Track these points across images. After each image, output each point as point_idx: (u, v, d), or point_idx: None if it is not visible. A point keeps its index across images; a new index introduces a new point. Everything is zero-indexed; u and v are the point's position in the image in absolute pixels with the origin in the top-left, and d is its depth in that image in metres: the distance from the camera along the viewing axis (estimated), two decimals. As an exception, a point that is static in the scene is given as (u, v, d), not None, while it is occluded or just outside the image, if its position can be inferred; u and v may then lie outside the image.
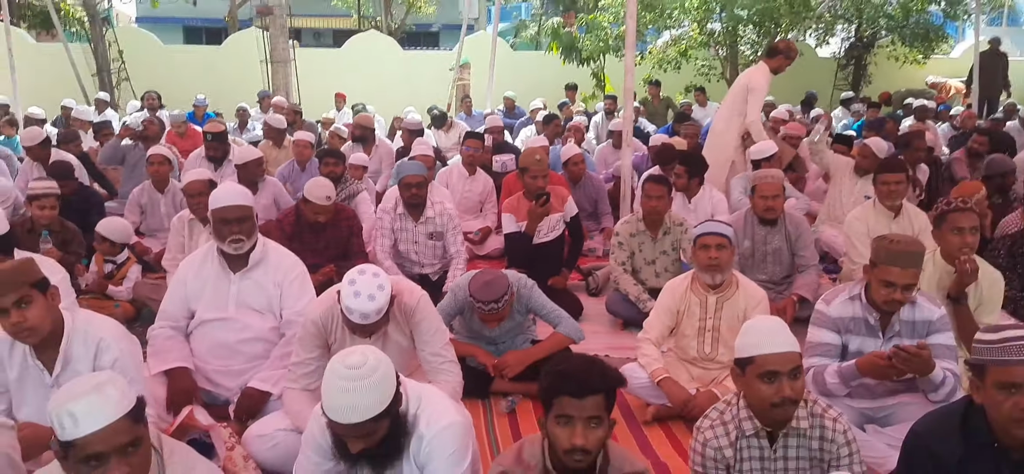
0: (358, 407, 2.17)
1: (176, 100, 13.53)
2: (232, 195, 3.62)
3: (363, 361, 2.22)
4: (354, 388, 2.17)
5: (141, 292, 5.21)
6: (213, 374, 3.68)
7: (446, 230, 5.38)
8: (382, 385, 2.21)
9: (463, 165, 7.26)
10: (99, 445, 1.95)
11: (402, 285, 3.32)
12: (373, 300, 2.94)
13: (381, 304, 2.96)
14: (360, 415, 2.17)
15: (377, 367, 2.22)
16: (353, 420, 2.17)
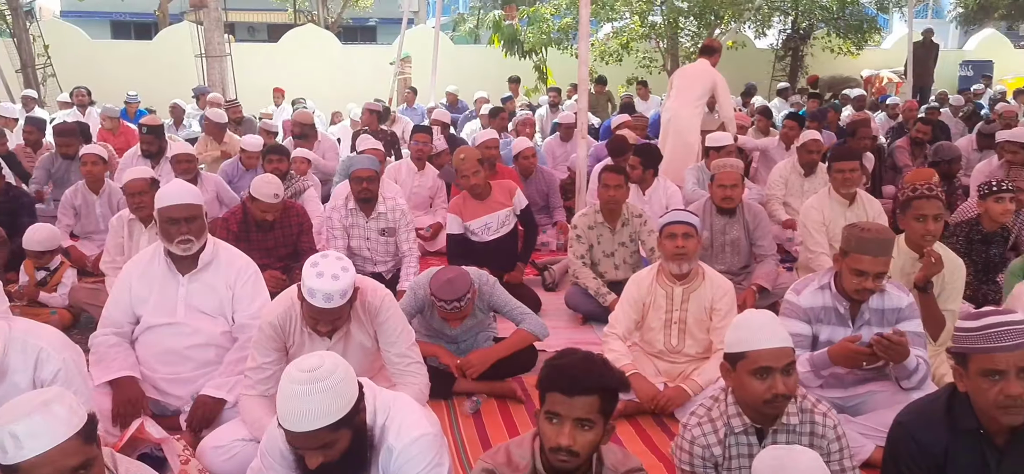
0: (312, 413, 2.02)
1: (106, 96, 13.02)
2: (180, 193, 3.42)
3: (319, 364, 2.09)
4: (308, 392, 2.02)
5: (78, 297, 4.94)
6: (161, 382, 3.48)
7: (399, 226, 5.24)
8: (339, 390, 2.06)
9: (412, 160, 7.12)
10: (46, 469, 1.79)
11: (365, 283, 3.18)
12: (337, 280, 2.82)
13: (345, 286, 2.84)
14: (314, 422, 2.02)
15: (334, 371, 2.08)
16: (306, 428, 2.03)
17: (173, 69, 15.68)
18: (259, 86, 14.97)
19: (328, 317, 2.92)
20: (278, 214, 4.98)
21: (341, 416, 2.06)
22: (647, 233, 5.01)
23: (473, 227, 5.28)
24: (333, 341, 3.10)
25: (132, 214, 4.90)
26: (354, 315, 3.11)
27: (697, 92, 7.39)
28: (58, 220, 6.15)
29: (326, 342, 3.08)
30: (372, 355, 3.25)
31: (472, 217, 5.28)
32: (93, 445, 1.87)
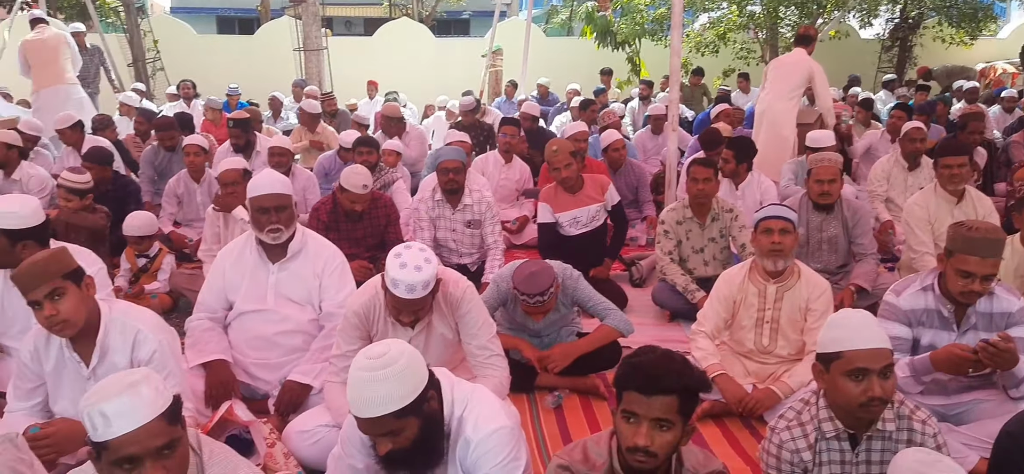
0: (376, 400, 2.04)
1: (211, 89, 13.55)
2: (271, 183, 3.52)
3: (385, 351, 2.10)
4: (373, 379, 2.05)
5: (178, 283, 5.16)
6: (251, 367, 3.60)
7: (484, 219, 5.25)
8: (404, 377, 2.07)
9: (499, 153, 7.13)
10: (132, 447, 1.85)
11: (448, 275, 3.19)
12: (420, 271, 2.82)
13: (428, 277, 2.84)
14: (379, 408, 2.04)
15: (399, 358, 2.08)
16: (371, 414, 2.05)
17: (273, 63, 16.18)
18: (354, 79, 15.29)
19: (410, 307, 2.94)
20: (367, 205, 5.06)
21: (406, 404, 2.06)
22: (738, 229, 4.87)
23: (562, 220, 5.25)
24: (415, 331, 3.12)
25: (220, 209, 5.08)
26: (436, 306, 3.13)
27: (793, 83, 7.14)
28: (162, 208, 6.45)
29: (408, 332, 3.10)
30: (453, 347, 3.26)
31: (562, 209, 5.24)
32: (177, 426, 1.92)
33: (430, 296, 2.96)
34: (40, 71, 9.02)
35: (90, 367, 2.81)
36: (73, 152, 7.19)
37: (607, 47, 15.81)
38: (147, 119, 8.89)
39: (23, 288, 2.62)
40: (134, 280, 5.16)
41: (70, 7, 16.64)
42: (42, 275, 2.60)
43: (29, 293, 2.62)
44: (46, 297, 2.62)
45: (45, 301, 2.62)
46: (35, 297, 2.62)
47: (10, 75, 10.74)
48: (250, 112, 8.97)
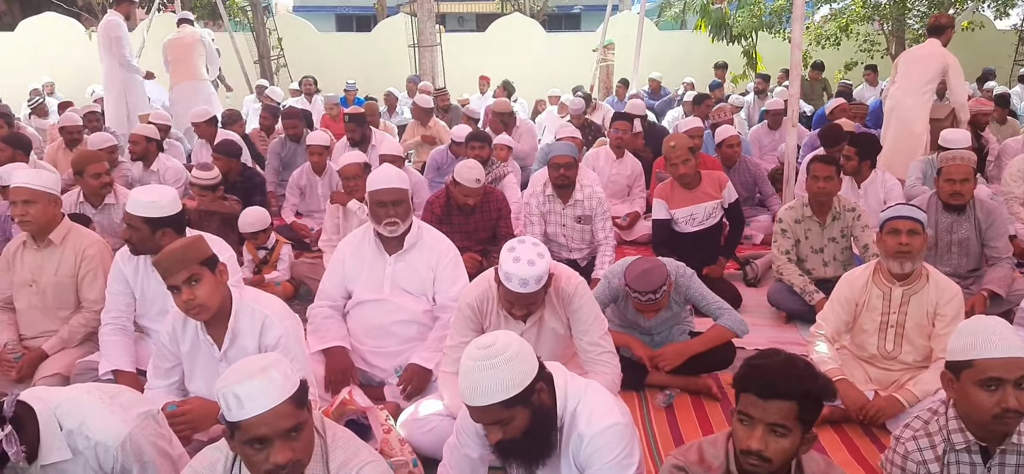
0: (485, 388, 2.08)
1: (330, 85, 14.04)
2: (389, 178, 3.63)
3: (494, 341, 2.15)
4: (482, 368, 2.09)
5: (299, 271, 5.37)
6: (368, 355, 3.72)
7: (595, 214, 5.24)
8: (511, 367, 2.10)
9: (611, 148, 7.08)
10: (263, 428, 1.95)
11: (560, 270, 3.21)
12: (533, 266, 2.86)
13: (541, 272, 2.88)
14: (487, 397, 2.09)
15: (507, 349, 2.12)
16: (480, 402, 2.10)
17: (389, 59, 16.61)
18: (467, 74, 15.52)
19: (523, 301, 2.98)
20: (479, 199, 5.13)
21: (513, 393, 2.09)
22: (861, 229, 4.67)
23: (677, 216, 5.18)
24: (527, 325, 3.15)
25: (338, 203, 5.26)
26: (548, 301, 3.15)
27: (926, 76, 6.76)
28: (285, 199, 6.74)
29: (520, 326, 3.14)
30: (564, 341, 3.28)
31: (678, 206, 5.17)
32: (304, 409, 2.02)
33: (542, 291, 2.99)
34: (177, 67, 9.60)
35: (222, 350, 2.97)
36: (205, 145, 7.59)
37: (722, 40, 15.44)
38: (272, 114, 9.29)
39: (163, 273, 2.79)
40: (256, 270, 5.40)
41: (202, 6, 17.57)
42: (181, 262, 2.77)
43: (169, 278, 2.79)
44: (184, 282, 2.78)
45: (183, 286, 2.78)
46: (174, 282, 2.78)
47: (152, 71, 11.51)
48: (367, 107, 9.25)
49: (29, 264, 3.88)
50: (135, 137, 6.49)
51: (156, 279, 3.57)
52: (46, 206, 3.79)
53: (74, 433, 2.26)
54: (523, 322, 3.14)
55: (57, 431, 2.25)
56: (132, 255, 3.59)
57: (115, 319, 3.65)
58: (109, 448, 2.27)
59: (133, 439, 2.32)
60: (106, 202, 5.08)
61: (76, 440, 2.26)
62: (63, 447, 2.24)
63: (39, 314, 3.89)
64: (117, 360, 3.53)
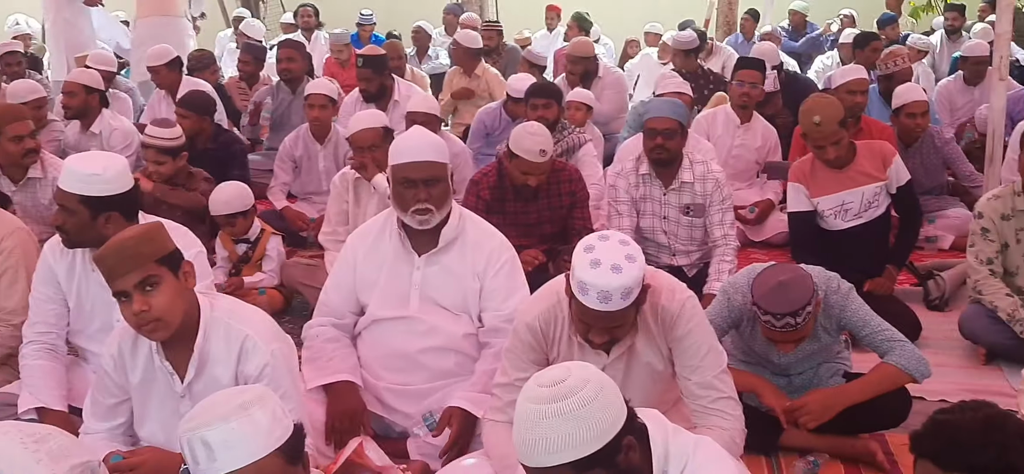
0: (547, 443, 2.06)
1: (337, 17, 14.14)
2: (420, 147, 3.67)
3: (564, 377, 2.12)
4: (544, 415, 2.07)
5: (292, 275, 5.46)
6: (386, 394, 3.77)
7: (710, 202, 5.20)
8: (586, 415, 2.07)
9: (733, 108, 7.02)
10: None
11: (660, 281, 3.20)
12: (619, 273, 2.84)
13: (629, 281, 2.85)
14: (550, 455, 2.06)
15: (581, 387, 2.09)
16: (541, 462, 2.08)
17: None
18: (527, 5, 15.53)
19: (604, 323, 2.97)
20: (544, 178, 5.14)
21: (589, 451, 2.07)
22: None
23: (822, 207, 5.13)
24: (611, 358, 3.15)
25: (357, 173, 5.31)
26: (642, 324, 3.14)
27: None
28: (275, 175, 6.85)
29: (602, 358, 3.14)
30: (664, 382, 3.27)
31: (822, 192, 5.12)
32: (298, 466, 2.05)
33: (633, 309, 2.97)
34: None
35: (185, 381, 3.05)
36: (166, 97, 7.75)
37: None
38: (255, 58, 9.44)
39: (108, 274, 2.86)
40: (234, 271, 5.50)
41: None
42: (133, 259, 2.82)
43: (115, 281, 2.85)
44: (136, 287, 2.83)
45: (134, 292, 2.84)
46: (122, 287, 2.84)
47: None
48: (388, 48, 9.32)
49: (-77, 258, 4.01)
50: (70, 86, 6.66)
51: (97, 282, 3.64)
52: None
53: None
54: (605, 353, 3.13)
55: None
56: (66, 248, 3.69)
57: (41, 336, 3.76)
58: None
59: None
60: (30, 176, 5.22)
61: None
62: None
63: (-65, 327, 4.02)
64: (42, 393, 3.62)
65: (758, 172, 7.01)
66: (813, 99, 5.17)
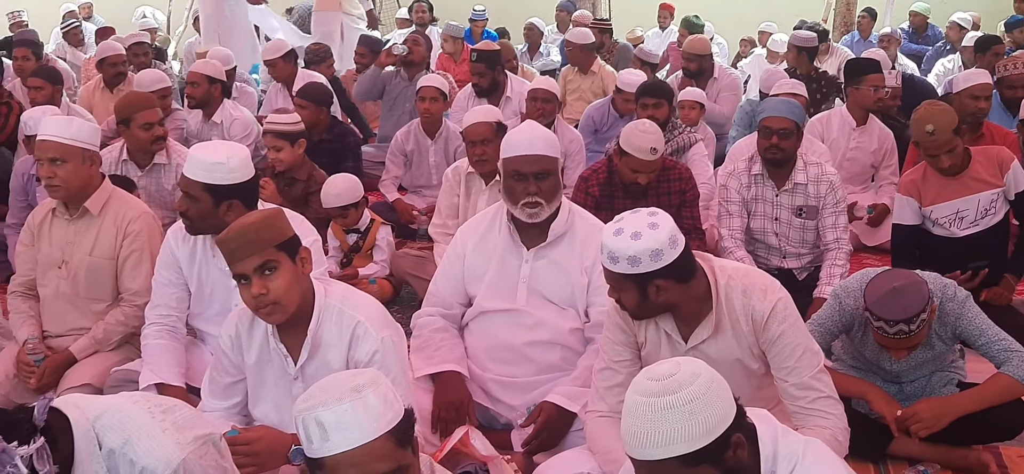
0: (654, 436, 2.07)
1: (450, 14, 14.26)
2: (532, 141, 3.70)
3: (674, 371, 2.13)
4: (652, 408, 2.08)
5: (401, 266, 5.56)
6: (492, 385, 3.81)
7: (824, 205, 5.14)
8: (695, 410, 2.08)
9: (848, 109, 6.90)
10: (351, 470, 2.05)
11: (753, 280, 3.19)
12: (635, 241, 2.89)
13: (640, 250, 2.88)
14: (659, 448, 2.07)
15: (691, 381, 2.10)
16: (648, 455, 2.09)
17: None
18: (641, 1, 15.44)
19: (611, 282, 3.02)
20: (654, 176, 5.13)
21: (698, 446, 2.07)
22: None
23: (937, 215, 5.01)
24: (690, 343, 3.16)
25: (471, 167, 5.38)
26: (730, 320, 3.14)
27: None
28: (386, 168, 6.96)
29: (680, 347, 3.16)
30: (759, 381, 3.26)
31: (937, 200, 5.01)
32: (408, 450, 2.10)
33: (650, 286, 2.97)
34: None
35: (298, 364, 3.13)
36: (283, 89, 7.95)
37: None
38: (371, 50, 9.58)
39: (230, 257, 2.95)
40: (346, 261, 5.61)
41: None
42: (254, 243, 2.91)
43: (236, 264, 2.94)
44: (255, 271, 2.92)
45: (253, 276, 2.92)
46: (243, 269, 2.93)
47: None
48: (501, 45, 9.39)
49: (58, 239, 4.19)
50: (194, 76, 6.86)
51: (218, 268, 3.78)
52: (79, 165, 4.04)
53: (116, 454, 2.43)
54: (682, 341, 3.16)
55: (95, 450, 2.42)
56: (188, 234, 3.82)
57: (163, 318, 3.90)
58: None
59: (188, 467, 2.46)
60: (155, 162, 5.41)
61: (117, 462, 2.43)
62: (101, 471, 2.42)
63: (67, 305, 4.21)
64: (163, 371, 3.76)
65: (873, 174, 6.88)
66: (926, 107, 5.04)
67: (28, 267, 4.28)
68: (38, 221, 4.25)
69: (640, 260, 2.89)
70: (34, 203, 5.32)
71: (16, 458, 2.18)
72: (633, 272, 2.92)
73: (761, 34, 12.74)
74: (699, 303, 3.12)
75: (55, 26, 13.52)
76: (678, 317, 3.16)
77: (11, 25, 12.05)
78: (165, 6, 15.00)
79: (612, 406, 3.22)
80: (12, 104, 6.99)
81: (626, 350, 3.24)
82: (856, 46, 11.96)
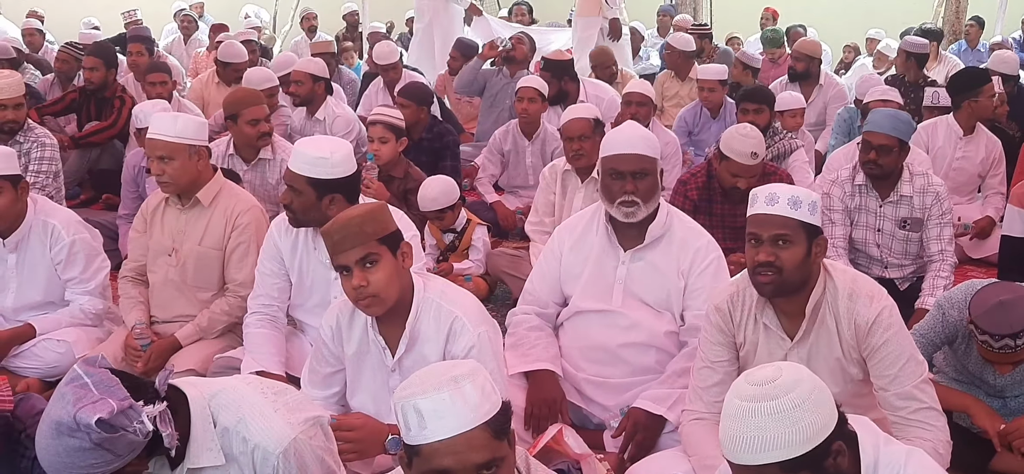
0: (754, 440, 2.08)
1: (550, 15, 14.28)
2: (630, 140, 3.72)
3: (775, 376, 2.13)
4: (752, 412, 2.09)
5: (497, 265, 5.61)
6: (585, 385, 3.83)
7: (929, 216, 5.04)
8: (797, 416, 2.07)
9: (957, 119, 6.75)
10: (447, 458, 2.08)
11: (859, 286, 3.18)
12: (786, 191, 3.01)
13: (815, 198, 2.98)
14: (756, 452, 2.08)
15: (794, 387, 2.10)
16: (748, 459, 2.09)
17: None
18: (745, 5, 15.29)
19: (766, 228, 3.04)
20: (754, 181, 5.08)
21: (797, 454, 2.07)
22: None
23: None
24: (792, 343, 3.15)
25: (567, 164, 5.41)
26: (832, 322, 3.13)
27: None
28: (482, 167, 7.03)
29: (785, 344, 3.16)
30: (855, 387, 3.24)
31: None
32: (504, 441, 2.12)
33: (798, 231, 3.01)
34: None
35: (395, 356, 3.20)
36: (384, 90, 8.09)
37: None
38: (463, 54, 9.68)
39: (333, 248, 3.02)
40: (441, 259, 5.67)
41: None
42: (358, 235, 2.98)
43: (338, 256, 3.01)
44: (357, 263, 2.99)
45: (355, 268, 2.99)
46: (344, 261, 3.00)
47: None
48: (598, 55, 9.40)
49: (170, 227, 4.34)
50: (298, 75, 6.99)
51: (319, 260, 3.88)
52: (186, 161, 4.18)
53: (230, 432, 2.54)
54: (789, 338, 3.15)
55: (210, 427, 2.54)
56: (290, 227, 3.92)
57: (264, 307, 4.02)
58: (269, 455, 2.52)
59: (298, 447, 2.57)
60: (261, 157, 5.56)
61: (231, 441, 2.54)
62: (215, 449, 2.52)
63: (175, 291, 4.35)
64: (264, 358, 3.88)
65: (979, 185, 6.73)
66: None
67: (139, 253, 4.44)
68: (151, 209, 4.42)
69: (816, 209, 3.02)
70: (144, 194, 5.51)
71: (143, 414, 2.31)
72: (810, 220, 3.01)
73: (869, 41, 12.49)
74: (807, 294, 3.14)
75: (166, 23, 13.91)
76: (782, 311, 3.18)
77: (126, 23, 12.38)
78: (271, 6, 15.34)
79: (709, 406, 3.24)
80: (125, 98, 7.26)
81: (724, 350, 3.26)
82: (964, 56, 11.70)
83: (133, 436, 2.29)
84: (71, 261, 4.37)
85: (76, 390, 2.28)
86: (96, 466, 2.27)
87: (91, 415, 2.22)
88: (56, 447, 2.26)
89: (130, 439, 2.29)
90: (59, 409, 2.28)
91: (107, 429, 2.23)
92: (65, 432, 2.24)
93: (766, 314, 3.19)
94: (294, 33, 14.07)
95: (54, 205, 4.64)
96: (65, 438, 2.24)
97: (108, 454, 2.27)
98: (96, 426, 2.21)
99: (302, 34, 13.03)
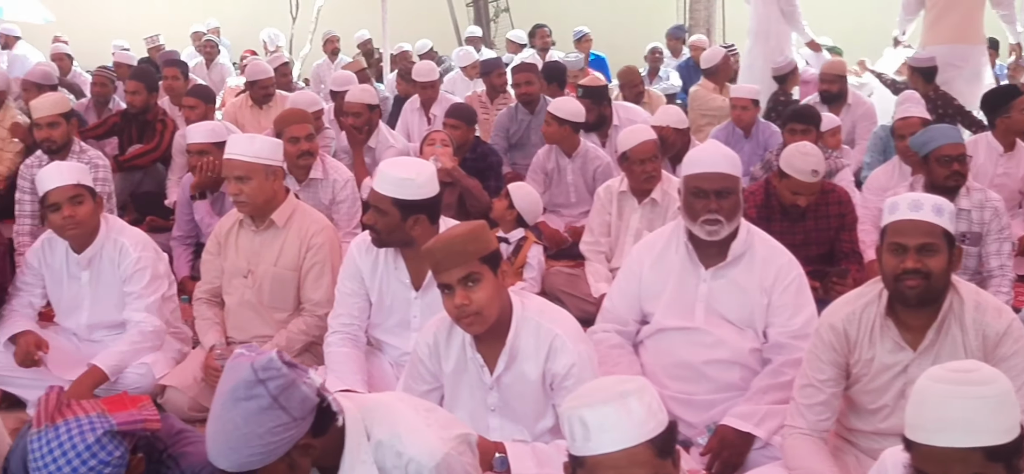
0: (962, 423, 2.07)
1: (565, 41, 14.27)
2: (714, 157, 3.74)
3: (975, 367, 2.16)
4: (956, 396, 2.09)
5: (554, 284, 5.59)
6: (670, 402, 3.74)
7: (988, 232, 5.04)
8: (1005, 405, 2.09)
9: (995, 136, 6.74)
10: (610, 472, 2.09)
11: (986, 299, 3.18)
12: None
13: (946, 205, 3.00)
14: (968, 436, 2.07)
15: (995, 379, 2.13)
16: (951, 442, 2.08)
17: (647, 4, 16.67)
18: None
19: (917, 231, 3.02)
20: (813, 198, 5.10)
21: (1001, 441, 2.07)
22: None
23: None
24: (915, 354, 3.13)
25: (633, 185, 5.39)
26: (957, 331, 3.11)
27: None
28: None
29: (906, 354, 3.13)
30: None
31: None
32: (668, 460, 2.13)
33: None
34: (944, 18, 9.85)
35: (494, 374, 3.21)
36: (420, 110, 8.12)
37: None
38: (489, 73, 9.66)
39: (436, 267, 3.04)
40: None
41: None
42: (460, 254, 2.99)
43: (441, 274, 3.02)
44: (459, 282, 3.00)
45: (457, 286, 3.01)
46: (447, 280, 3.02)
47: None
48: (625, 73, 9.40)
49: (244, 249, 4.36)
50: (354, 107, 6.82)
51: (398, 280, 3.89)
52: (263, 181, 4.22)
53: (383, 445, 2.53)
54: (911, 348, 3.13)
55: (364, 440, 2.53)
56: (372, 246, 3.91)
57: (346, 327, 4.02)
58: (423, 468, 2.52)
59: (450, 462, 2.57)
60: (312, 177, 5.57)
61: (384, 454, 2.53)
62: (369, 462, 2.51)
63: (251, 313, 4.36)
64: (347, 377, 3.85)
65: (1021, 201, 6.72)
66: None
67: (213, 275, 4.46)
68: (225, 231, 4.43)
69: (954, 218, 3.09)
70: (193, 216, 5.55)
71: (310, 373, 2.36)
72: (951, 228, 3.04)
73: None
74: (939, 305, 3.12)
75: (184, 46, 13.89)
76: (904, 323, 3.15)
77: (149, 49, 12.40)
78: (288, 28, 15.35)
79: (812, 424, 3.23)
80: (166, 121, 7.26)
81: (832, 368, 3.22)
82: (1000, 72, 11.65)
83: (306, 388, 2.29)
84: (134, 276, 4.33)
85: (244, 357, 2.29)
86: (275, 432, 2.22)
87: (266, 356, 2.25)
88: (235, 419, 2.22)
89: (304, 393, 2.28)
90: (232, 377, 2.26)
91: (281, 376, 2.23)
92: (242, 396, 2.21)
93: (888, 326, 3.17)
94: (313, 56, 14.04)
95: (125, 224, 4.63)
96: (242, 404, 2.21)
97: (285, 414, 2.23)
98: (276, 360, 2.25)
99: (324, 57, 12.99)
